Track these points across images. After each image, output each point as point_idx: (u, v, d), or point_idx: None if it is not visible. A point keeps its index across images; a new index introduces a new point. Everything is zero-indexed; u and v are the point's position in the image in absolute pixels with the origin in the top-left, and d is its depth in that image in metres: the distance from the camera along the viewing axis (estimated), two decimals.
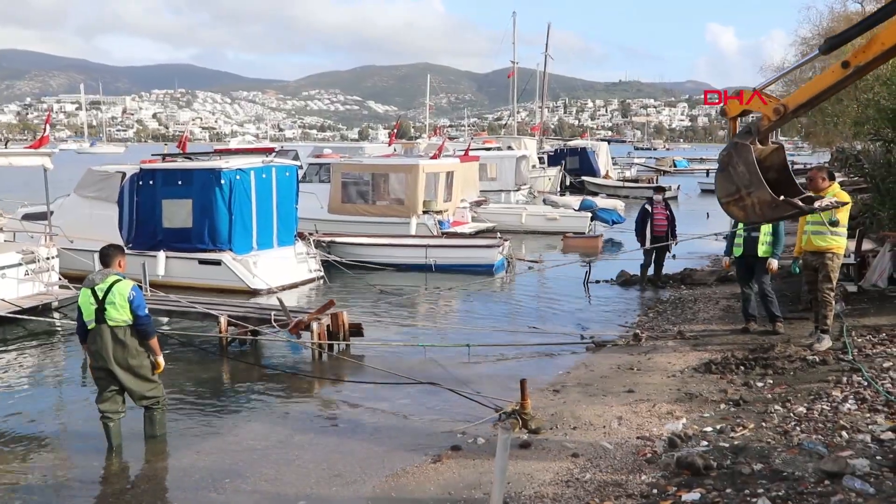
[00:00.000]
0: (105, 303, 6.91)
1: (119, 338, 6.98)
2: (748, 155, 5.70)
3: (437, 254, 18.13)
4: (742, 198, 5.79)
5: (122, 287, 6.97)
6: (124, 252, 7.49)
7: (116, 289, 6.93)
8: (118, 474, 6.89)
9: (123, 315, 6.94)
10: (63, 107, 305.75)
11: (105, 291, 6.92)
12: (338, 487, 6.19)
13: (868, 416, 6.45)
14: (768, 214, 5.82)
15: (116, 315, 6.93)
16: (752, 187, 5.68)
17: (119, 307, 6.92)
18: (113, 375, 7.05)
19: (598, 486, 5.67)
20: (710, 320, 11.69)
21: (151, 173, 15.86)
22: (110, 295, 6.90)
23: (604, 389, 8.38)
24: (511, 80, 59.52)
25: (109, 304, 6.90)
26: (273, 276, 15.50)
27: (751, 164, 5.67)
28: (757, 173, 5.64)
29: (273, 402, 8.91)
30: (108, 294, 6.91)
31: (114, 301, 6.90)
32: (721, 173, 5.98)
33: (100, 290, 6.93)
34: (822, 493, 4.85)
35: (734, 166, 5.79)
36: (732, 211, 6.01)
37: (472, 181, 27.88)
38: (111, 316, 6.92)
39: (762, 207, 5.71)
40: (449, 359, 10.28)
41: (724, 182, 5.92)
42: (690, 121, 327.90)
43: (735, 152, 5.80)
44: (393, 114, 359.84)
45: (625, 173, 53.64)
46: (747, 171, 5.69)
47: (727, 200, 5.94)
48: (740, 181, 5.75)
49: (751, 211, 5.80)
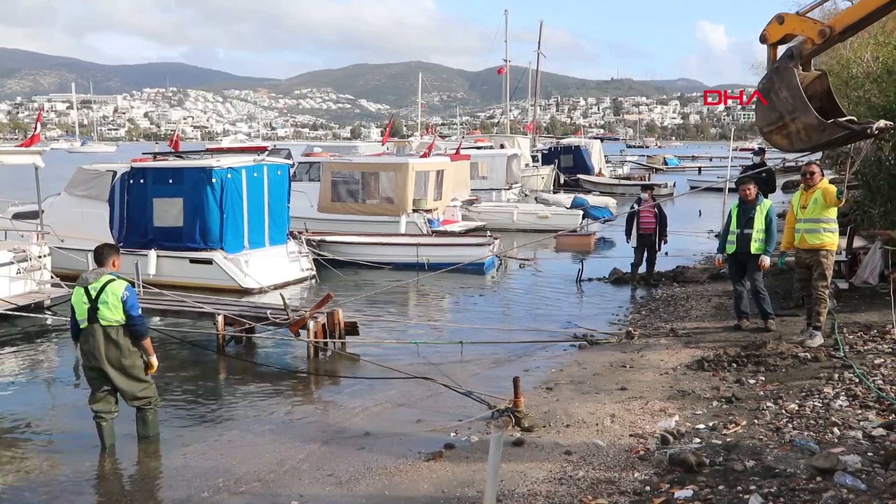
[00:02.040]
0: (98, 302, 6.85)
1: (112, 337, 6.92)
2: (792, 78, 5.26)
3: (428, 252, 18.12)
4: (786, 125, 5.37)
5: (115, 287, 6.91)
6: (119, 251, 7.45)
7: (110, 288, 6.87)
8: (111, 474, 6.87)
9: (116, 315, 6.89)
10: (54, 106, 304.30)
11: (98, 291, 6.86)
12: (331, 487, 6.18)
13: (859, 413, 6.47)
14: (816, 139, 5.38)
15: (109, 315, 6.87)
16: (796, 112, 5.26)
17: (112, 307, 6.86)
18: (105, 375, 7.00)
19: (591, 483, 5.67)
20: (702, 318, 11.72)
21: (142, 172, 15.79)
22: (103, 294, 6.85)
23: (597, 387, 8.39)
24: (503, 78, 59.48)
25: (102, 303, 6.84)
26: (265, 274, 15.46)
27: (795, 87, 5.24)
28: (802, 97, 5.22)
29: (267, 400, 8.89)
30: (102, 293, 6.85)
31: (107, 301, 6.84)
32: (762, 101, 5.52)
33: (93, 289, 6.87)
34: (814, 490, 4.86)
35: (776, 92, 5.36)
36: (775, 140, 5.54)
37: (464, 180, 27.89)
38: (104, 315, 6.87)
39: (809, 132, 5.29)
40: (442, 356, 10.30)
41: (766, 110, 5.48)
42: (682, 118, 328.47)
43: (777, 77, 5.35)
44: (385, 112, 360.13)
45: (617, 171, 53.73)
46: (791, 95, 5.26)
47: (769, 129, 5.47)
48: (783, 107, 5.33)
49: (796, 138, 5.40)
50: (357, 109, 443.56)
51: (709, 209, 24.18)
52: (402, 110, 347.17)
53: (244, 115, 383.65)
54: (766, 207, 10.44)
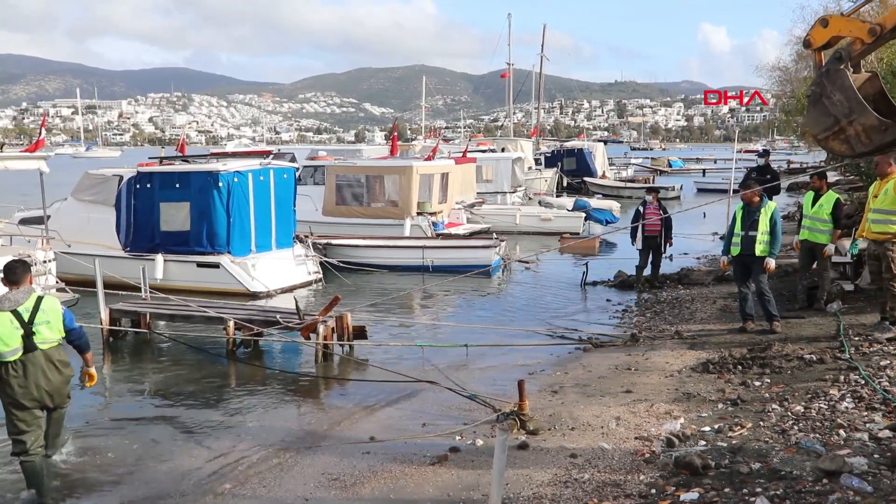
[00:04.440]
0: (34, 324, 6.05)
1: (53, 361, 6.22)
2: (844, 80, 5.01)
3: (434, 255, 18.14)
4: (843, 129, 5.12)
5: (51, 302, 6.27)
6: (30, 268, 6.52)
7: (45, 305, 6.16)
8: (115, 478, 6.87)
9: (56, 334, 6.23)
10: (59, 111, 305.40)
11: (32, 311, 6.06)
12: (336, 490, 6.19)
13: (865, 415, 6.46)
14: (878, 140, 5.11)
15: (50, 335, 6.16)
16: (853, 114, 5.01)
17: (52, 325, 6.17)
18: (44, 407, 6.32)
19: (596, 486, 5.67)
20: (707, 320, 11.70)
21: (149, 176, 15.85)
22: (40, 314, 6.09)
23: (602, 390, 8.39)
24: (507, 81, 59.47)
25: (41, 323, 6.08)
26: (271, 278, 15.49)
27: (849, 88, 5.00)
28: (857, 98, 4.99)
29: (273, 404, 8.92)
30: (38, 313, 6.08)
31: (47, 319, 6.12)
32: (814, 107, 5.31)
33: (25, 310, 6.03)
34: (821, 492, 4.85)
35: (829, 96, 5.11)
36: (833, 146, 5.35)
37: (469, 183, 27.90)
38: (44, 338, 6.11)
39: (869, 134, 5.03)
40: (447, 359, 10.30)
41: (819, 116, 5.23)
42: (686, 121, 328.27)
43: (828, 80, 5.10)
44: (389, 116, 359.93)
45: (621, 173, 53.69)
46: (845, 97, 5.02)
47: (825, 135, 5.26)
48: (839, 111, 5.08)
49: (856, 141, 5.11)
50: (361, 113, 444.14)
51: (713, 211, 24.16)
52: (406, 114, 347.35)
53: (248, 120, 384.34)
54: (771, 209, 10.43)
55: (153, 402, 9.23)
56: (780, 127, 67.82)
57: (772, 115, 79.46)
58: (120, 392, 9.71)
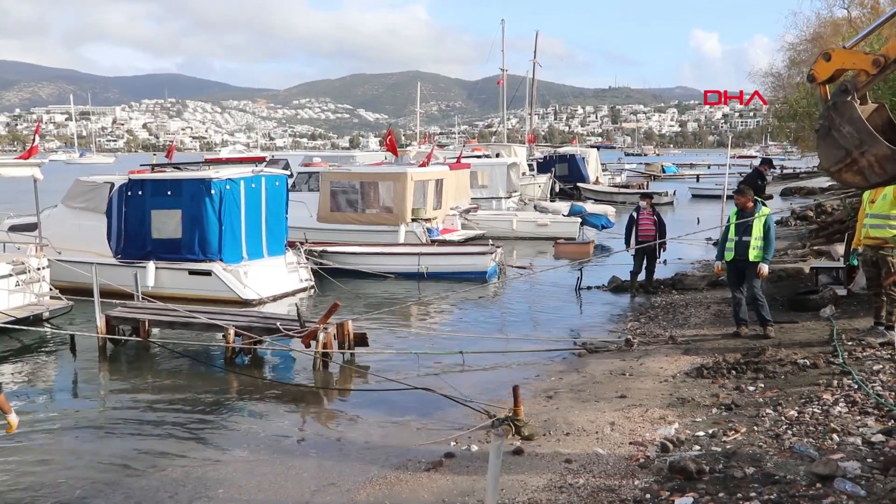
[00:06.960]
0: None
1: None
2: (853, 112, 5.00)
3: (429, 261, 18.13)
4: (855, 160, 5.08)
5: None
6: None
7: None
8: (111, 485, 6.83)
9: None
10: (52, 117, 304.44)
11: None
12: (333, 496, 6.18)
13: (858, 419, 6.48)
14: (891, 170, 5.04)
15: None
16: (864, 146, 4.99)
17: None
18: None
19: (591, 491, 5.68)
20: (701, 325, 11.73)
21: (140, 184, 15.78)
22: None
23: (596, 395, 8.40)
24: (500, 87, 59.61)
25: None
26: (263, 285, 15.45)
27: (857, 120, 4.99)
28: (867, 128, 4.96)
29: (270, 411, 8.89)
30: None
31: None
32: (823, 141, 5.31)
33: None
34: (814, 496, 4.87)
35: (837, 129, 5.09)
36: (846, 178, 5.27)
37: (464, 188, 27.91)
38: None
39: (882, 164, 4.99)
40: (442, 366, 10.30)
41: (830, 149, 5.22)
42: (680, 126, 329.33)
43: (835, 113, 5.09)
44: (384, 122, 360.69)
45: (615, 179, 53.79)
46: (855, 129, 5.00)
47: (838, 168, 5.21)
48: (849, 143, 5.05)
49: (869, 172, 5.07)
50: (355, 119, 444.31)
51: (707, 217, 24.24)
52: (400, 119, 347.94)
53: (243, 126, 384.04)
54: (765, 215, 10.47)
55: (149, 409, 9.14)
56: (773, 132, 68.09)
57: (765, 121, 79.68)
58: (116, 400, 9.65)
